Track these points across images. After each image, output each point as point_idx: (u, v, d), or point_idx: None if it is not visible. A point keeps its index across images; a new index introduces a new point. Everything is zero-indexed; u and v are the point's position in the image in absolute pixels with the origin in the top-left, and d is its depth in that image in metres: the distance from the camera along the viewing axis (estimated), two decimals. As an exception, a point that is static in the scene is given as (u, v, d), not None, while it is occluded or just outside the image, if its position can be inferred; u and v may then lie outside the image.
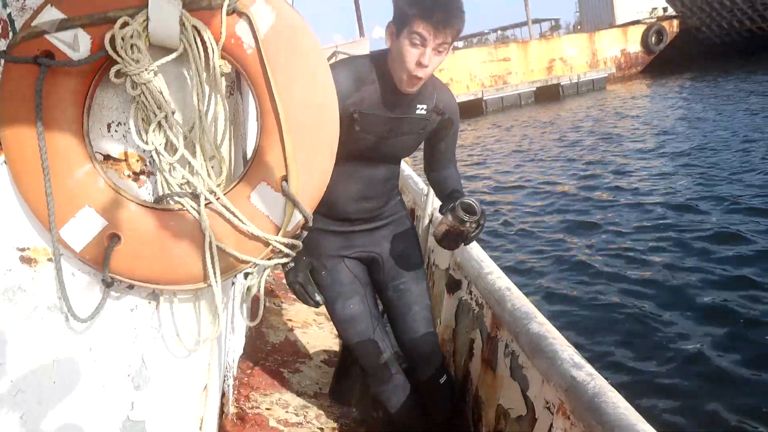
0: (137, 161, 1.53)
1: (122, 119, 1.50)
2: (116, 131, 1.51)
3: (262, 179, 1.48)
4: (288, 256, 1.56)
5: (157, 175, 1.50)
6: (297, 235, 1.57)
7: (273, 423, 2.52)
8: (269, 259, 1.53)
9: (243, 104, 1.77)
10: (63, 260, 1.48)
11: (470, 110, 21.45)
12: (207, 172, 1.50)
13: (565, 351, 1.69)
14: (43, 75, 1.36)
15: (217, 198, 1.46)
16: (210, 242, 1.43)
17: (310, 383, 2.97)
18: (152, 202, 1.51)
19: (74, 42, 1.38)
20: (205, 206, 1.46)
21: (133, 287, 1.54)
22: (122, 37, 1.37)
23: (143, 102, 1.43)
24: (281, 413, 2.62)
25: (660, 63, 31.06)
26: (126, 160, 1.52)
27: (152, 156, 1.49)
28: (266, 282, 2.15)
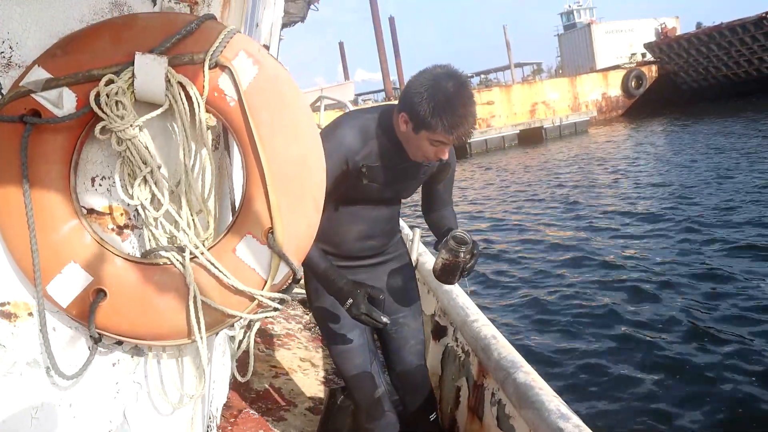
0: (122, 215, 1.53)
1: (107, 173, 1.51)
2: (101, 185, 1.51)
3: (248, 232, 1.49)
4: (276, 310, 1.56)
5: (143, 229, 1.51)
6: (287, 288, 1.56)
7: (258, 475, 2.46)
8: (256, 313, 1.52)
9: (230, 156, 1.79)
10: (47, 315, 1.46)
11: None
12: (193, 226, 1.50)
13: (552, 402, 1.69)
14: (28, 133, 1.38)
15: (202, 252, 1.46)
16: (194, 297, 1.42)
17: (295, 432, 2.92)
18: (138, 257, 1.51)
19: (59, 100, 1.40)
20: (191, 260, 1.46)
21: (119, 343, 1.53)
22: (107, 94, 1.39)
23: (129, 157, 1.45)
24: (266, 464, 2.57)
25: (639, 106, 31.76)
26: (110, 214, 1.52)
27: (137, 210, 1.49)
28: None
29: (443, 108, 1.76)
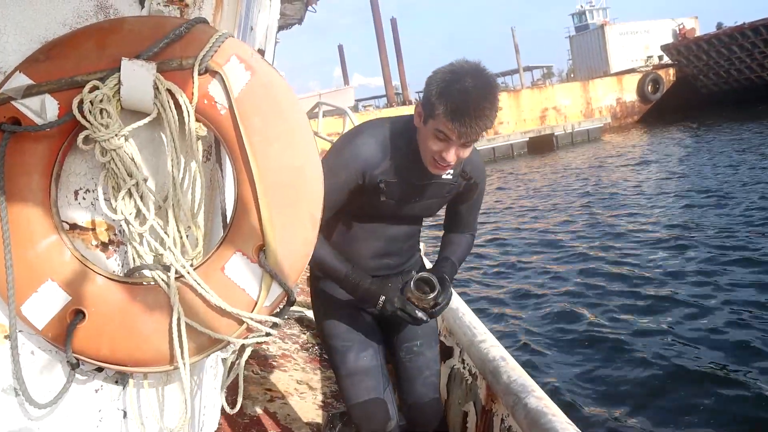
0: (105, 230, 1.44)
1: (91, 186, 1.42)
2: (84, 198, 1.43)
3: (238, 249, 1.39)
4: (268, 335, 1.44)
5: (127, 246, 1.42)
6: (280, 311, 1.44)
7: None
8: (247, 337, 1.42)
9: (222, 169, 1.70)
10: (22, 337, 1.37)
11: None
12: (179, 243, 1.41)
13: (567, 430, 1.60)
14: (6, 141, 1.30)
15: (188, 271, 1.36)
16: (178, 320, 1.32)
17: (292, 460, 2.79)
18: (121, 275, 1.41)
19: (41, 108, 1.32)
20: (177, 279, 1.37)
21: (99, 369, 1.43)
22: (91, 101, 1.31)
23: (113, 169, 1.36)
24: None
25: (656, 112, 31.14)
26: (93, 229, 1.43)
27: (122, 225, 1.40)
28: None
29: (451, 93, 1.63)
